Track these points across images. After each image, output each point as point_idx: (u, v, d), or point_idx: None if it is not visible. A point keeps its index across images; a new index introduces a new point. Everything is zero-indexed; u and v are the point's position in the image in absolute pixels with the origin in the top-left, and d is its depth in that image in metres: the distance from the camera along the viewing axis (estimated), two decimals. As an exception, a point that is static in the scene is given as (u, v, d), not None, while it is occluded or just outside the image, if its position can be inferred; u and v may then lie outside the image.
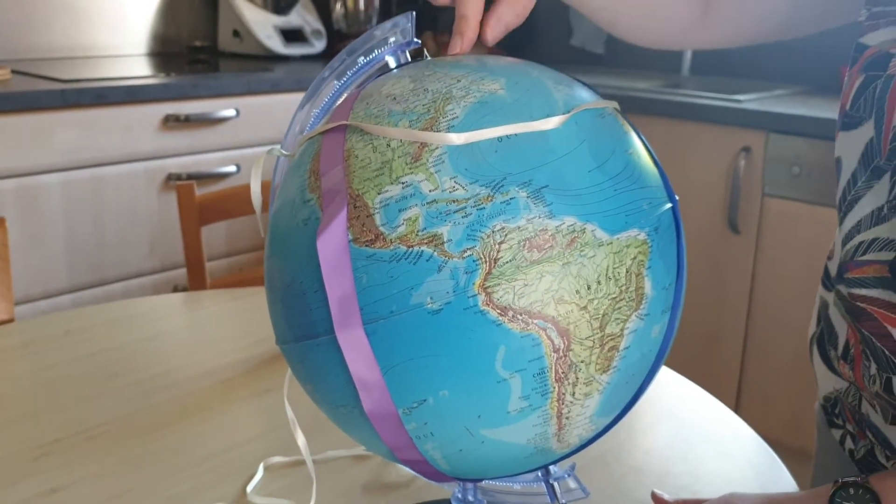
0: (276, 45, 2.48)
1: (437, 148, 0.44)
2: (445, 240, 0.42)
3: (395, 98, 0.47)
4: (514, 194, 0.42)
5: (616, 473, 0.71)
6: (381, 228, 0.43)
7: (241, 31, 2.50)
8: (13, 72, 1.95)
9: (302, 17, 2.59)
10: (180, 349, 0.95)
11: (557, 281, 0.42)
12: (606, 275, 0.43)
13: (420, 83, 0.47)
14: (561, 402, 0.44)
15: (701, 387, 0.87)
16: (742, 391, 1.98)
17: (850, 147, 0.65)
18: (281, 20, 2.54)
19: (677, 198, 0.49)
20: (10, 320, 1.10)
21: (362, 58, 0.54)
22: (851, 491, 0.54)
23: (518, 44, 2.78)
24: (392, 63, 0.53)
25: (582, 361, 0.44)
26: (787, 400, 1.89)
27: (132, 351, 0.93)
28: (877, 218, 0.62)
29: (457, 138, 0.44)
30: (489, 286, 0.42)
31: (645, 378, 0.49)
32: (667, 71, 2.53)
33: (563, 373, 0.43)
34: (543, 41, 2.81)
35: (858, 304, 0.63)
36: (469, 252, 0.42)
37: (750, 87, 2.18)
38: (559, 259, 0.42)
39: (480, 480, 0.52)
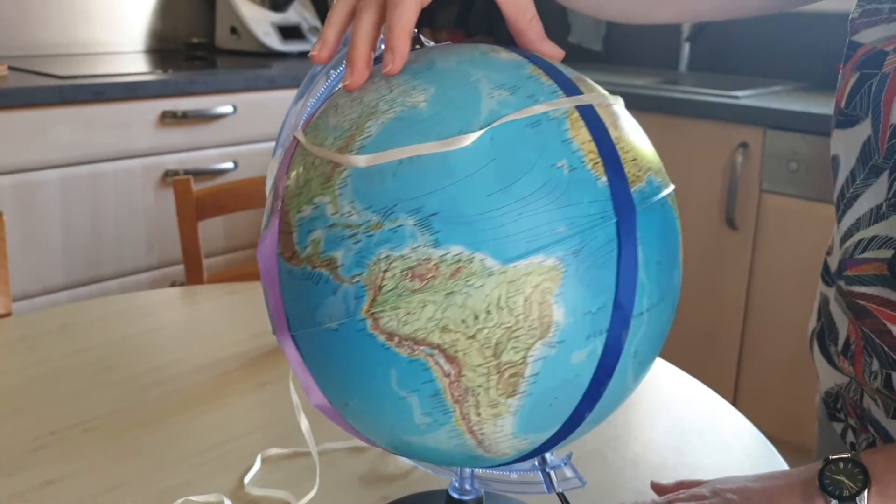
0: (274, 41, 2.47)
1: (345, 170, 0.44)
2: (339, 264, 0.43)
3: (336, 109, 0.48)
4: (402, 222, 0.42)
5: (614, 465, 0.71)
6: (297, 247, 0.45)
7: (238, 28, 2.50)
8: (10, 68, 1.94)
9: (299, 13, 2.59)
10: (177, 343, 0.94)
11: (441, 311, 0.42)
12: (498, 305, 0.41)
13: (360, 93, 0.47)
14: (467, 420, 0.44)
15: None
16: (740, 387, 1.99)
17: (846, 145, 0.65)
18: (278, 17, 2.54)
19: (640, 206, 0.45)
20: (8, 315, 1.10)
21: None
22: (841, 465, 0.54)
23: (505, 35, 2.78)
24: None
25: (479, 386, 0.43)
26: (784, 396, 1.89)
27: (129, 345, 0.93)
28: (875, 216, 0.62)
29: (361, 160, 0.43)
30: (375, 312, 0.42)
31: (586, 395, 0.45)
32: (664, 67, 2.53)
33: (459, 396, 0.43)
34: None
35: (858, 301, 0.63)
36: (357, 278, 0.42)
37: (747, 83, 2.18)
38: (442, 289, 0.41)
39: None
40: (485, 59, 0.48)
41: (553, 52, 0.53)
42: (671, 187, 0.49)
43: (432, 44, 0.54)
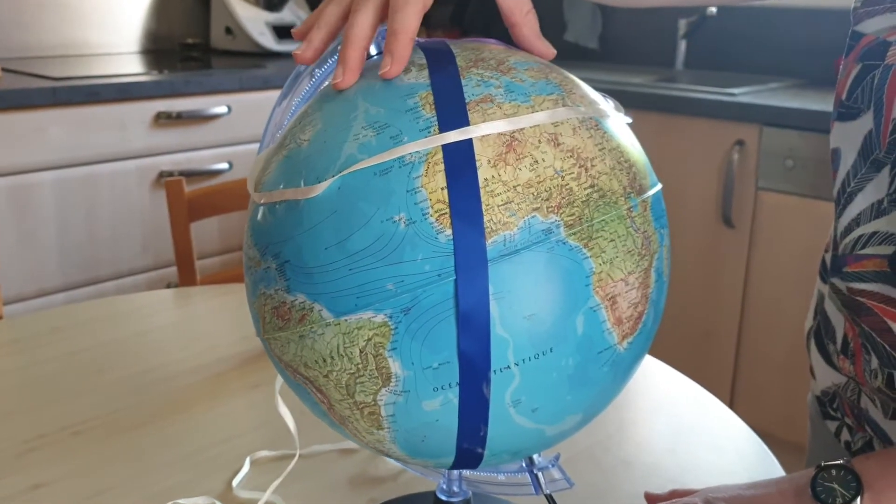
0: (269, 41, 2.47)
1: (256, 203, 0.47)
2: (248, 293, 0.48)
3: (277, 139, 0.50)
4: (269, 263, 0.44)
5: (605, 466, 0.70)
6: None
7: (233, 28, 2.50)
8: (4, 70, 1.94)
9: (294, 13, 2.58)
10: (169, 345, 0.94)
11: (300, 349, 0.44)
12: (339, 352, 0.42)
13: (294, 124, 0.49)
14: (358, 435, 0.46)
15: (696, 381, 0.87)
16: (737, 385, 1.98)
17: (847, 138, 0.64)
18: (273, 17, 2.53)
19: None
20: (-1, 318, 1.10)
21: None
22: (833, 473, 0.54)
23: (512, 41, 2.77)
24: (373, 51, 0.52)
25: (349, 417, 0.45)
26: (782, 394, 1.89)
27: (120, 347, 0.92)
28: (877, 211, 0.61)
29: (256, 197, 0.47)
30: (266, 337, 0.47)
31: (465, 435, 0.44)
32: (661, 65, 2.52)
33: (340, 419, 0.46)
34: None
35: (857, 298, 0.63)
36: (254, 307, 0.47)
37: (743, 80, 2.18)
38: (297, 330, 0.43)
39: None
40: (379, 88, 0.45)
41: (545, 51, 0.52)
42: (570, 230, 0.42)
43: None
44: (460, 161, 0.41)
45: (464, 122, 0.42)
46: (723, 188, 1.92)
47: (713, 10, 2.31)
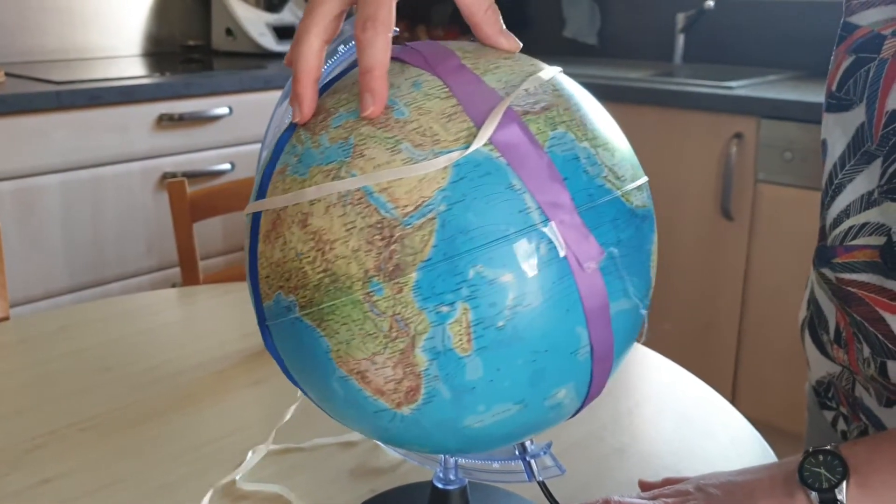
0: (269, 42, 2.49)
1: None
2: None
3: None
4: None
5: (599, 455, 0.72)
6: None
7: (233, 30, 2.51)
8: (7, 74, 1.96)
9: (294, 14, 2.60)
10: (173, 342, 0.96)
11: None
12: None
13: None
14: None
15: (697, 374, 0.87)
16: (738, 377, 1.99)
17: (837, 129, 0.64)
18: (273, 17, 2.55)
19: None
20: (6, 318, 1.12)
21: (342, 46, 0.54)
22: (821, 458, 0.54)
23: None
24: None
25: None
26: (783, 385, 1.90)
27: (126, 345, 0.94)
28: (867, 202, 0.61)
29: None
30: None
31: None
32: (659, 60, 2.53)
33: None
34: (536, 33, 2.82)
35: (848, 288, 0.63)
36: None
37: (741, 73, 2.19)
38: None
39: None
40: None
41: (510, 45, 0.50)
42: (303, 310, 0.43)
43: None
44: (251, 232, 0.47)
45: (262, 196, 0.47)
46: (722, 181, 1.93)
47: (710, 3, 2.32)
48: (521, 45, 0.51)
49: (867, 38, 0.61)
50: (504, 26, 0.50)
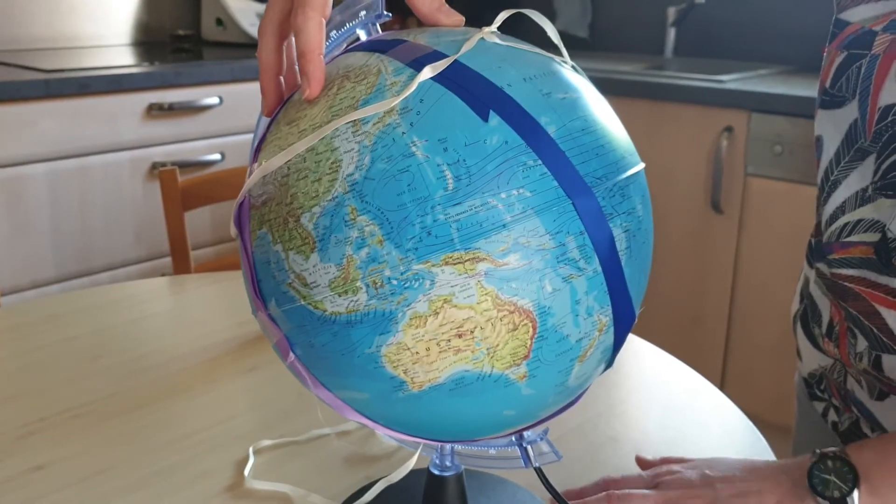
0: (260, 32, 2.47)
1: None
2: None
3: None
4: None
5: (594, 442, 0.72)
6: None
7: (224, 20, 2.50)
8: (-5, 62, 1.94)
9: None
10: (165, 330, 0.95)
11: None
12: None
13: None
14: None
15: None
16: (727, 370, 2.00)
17: (831, 126, 0.64)
18: (263, 7, 2.53)
19: None
20: (-5, 307, 1.11)
21: (334, 32, 0.54)
22: (830, 464, 0.54)
23: (501, 28, 2.78)
24: (363, 36, 0.53)
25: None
26: (771, 378, 1.91)
27: (117, 333, 0.93)
28: (861, 199, 0.61)
29: None
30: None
31: None
32: (650, 53, 2.54)
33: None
34: (527, 26, 2.81)
35: (843, 283, 0.63)
36: None
37: (732, 67, 2.19)
38: None
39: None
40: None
41: (451, 20, 0.50)
42: None
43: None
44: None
45: None
46: (712, 174, 1.93)
47: (702, -3, 2.33)
48: (464, 18, 0.51)
49: (858, 34, 0.62)
50: (445, 3, 0.50)
